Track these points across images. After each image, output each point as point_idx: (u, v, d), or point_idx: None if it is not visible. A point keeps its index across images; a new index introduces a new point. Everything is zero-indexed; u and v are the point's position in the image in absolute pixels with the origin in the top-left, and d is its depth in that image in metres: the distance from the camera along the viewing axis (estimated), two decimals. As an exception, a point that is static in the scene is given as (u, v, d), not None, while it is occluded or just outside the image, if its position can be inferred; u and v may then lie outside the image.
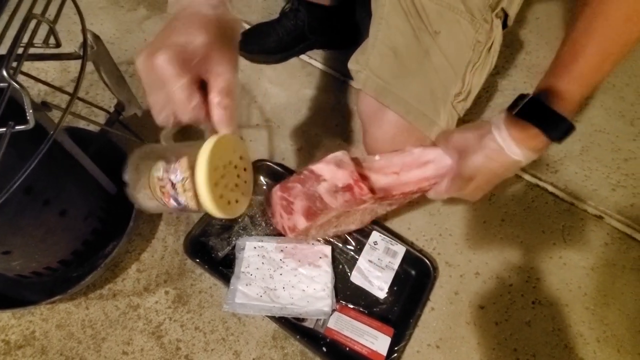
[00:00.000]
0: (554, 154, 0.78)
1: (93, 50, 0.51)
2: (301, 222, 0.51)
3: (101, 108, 0.65)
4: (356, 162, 0.52)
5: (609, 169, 0.77)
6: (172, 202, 0.36)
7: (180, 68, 0.32)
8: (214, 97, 0.34)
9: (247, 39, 0.87)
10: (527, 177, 0.75)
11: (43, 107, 0.44)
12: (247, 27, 0.91)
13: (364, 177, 0.50)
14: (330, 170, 0.50)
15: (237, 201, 0.39)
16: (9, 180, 0.36)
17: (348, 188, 0.48)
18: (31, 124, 0.33)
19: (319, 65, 0.89)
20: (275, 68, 0.89)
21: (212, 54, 0.33)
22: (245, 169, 0.41)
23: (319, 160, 0.51)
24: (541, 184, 0.74)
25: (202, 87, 0.35)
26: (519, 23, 0.99)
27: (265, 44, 0.87)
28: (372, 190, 0.49)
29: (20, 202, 0.45)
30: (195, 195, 0.35)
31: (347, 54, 0.63)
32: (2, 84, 0.32)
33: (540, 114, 0.40)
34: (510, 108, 0.42)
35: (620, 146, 0.81)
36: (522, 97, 0.41)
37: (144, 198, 0.38)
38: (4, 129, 0.32)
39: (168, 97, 0.33)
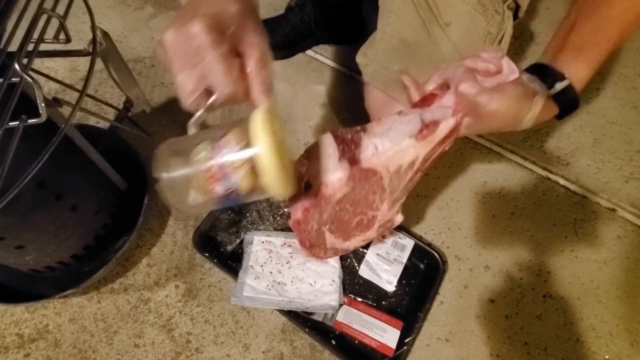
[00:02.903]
0: (565, 146, 0.77)
1: (102, 47, 0.51)
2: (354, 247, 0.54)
3: (110, 105, 0.66)
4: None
5: (622, 160, 0.76)
6: (219, 189, 0.31)
7: (217, 36, 0.29)
8: (253, 68, 0.31)
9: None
10: (537, 170, 0.74)
11: (54, 102, 0.44)
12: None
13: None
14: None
15: (289, 178, 0.33)
16: (22, 174, 0.36)
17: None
18: (43, 118, 0.33)
19: (326, 60, 0.89)
20: (281, 64, 0.89)
21: (246, 22, 0.31)
22: (285, 147, 0.34)
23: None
24: (552, 177, 0.73)
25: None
26: (529, 14, 0.98)
27: (271, 40, 0.86)
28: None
29: (34, 196, 0.46)
30: (251, 171, 0.29)
31: (354, 49, 0.63)
32: (14, 79, 0.33)
33: (541, 71, 0.42)
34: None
35: (633, 137, 0.79)
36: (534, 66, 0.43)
37: (184, 197, 0.32)
38: (17, 123, 0.32)
39: (203, 72, 0.30)
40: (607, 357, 0.58)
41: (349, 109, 0.82)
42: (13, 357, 0.57)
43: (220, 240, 0.64)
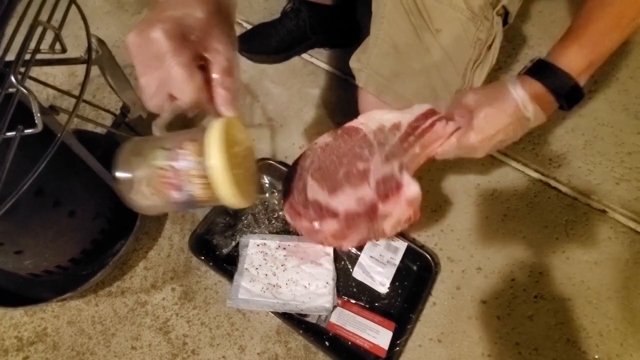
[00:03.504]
0: (557, 148, 0.78)
1: (98, 55, 0.52)
2: (350, 247, 0.47)
3: (107, 110, 0.67)
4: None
5: (613, 162, 0.77)
6: (175, 195, 0.31)
7: (179, 43, 0.28)
8: (217, 76, 0.31)
9: (249, 39, 0.88)
10: (530, 172, 0.75)
11: (51, 110, 0.45)
12: (249, 27, 0.93)
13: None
14: (400, 209, 0.44)
15: (247, 190, 0.34)
16: (19, 182, 0.37)
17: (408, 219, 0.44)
18: (39, 128, 0.34)
19: (321, 64, 0.90)
20: (277, 67, 0.90)
21: (211, 29, 0.30)
22: (250, 156, 0.37)
23: (386, 194, 0.45)
24: (544, 179, 0.74)
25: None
26: (521, 17, 0.99)
27: (267, 44, 0.88)
28: None
29: (31, 203, 0.47)
30: (206, 183, 0.30)
31: (349, 53, 0.64)
32: (11, 89, 0.34)
33: (547, 71, 0.42)
34: (522, 71, 0.43)
35: (624, 140, 0.80)
36: (532, 60, 0.43)
37: (140, 196, 0.33)
38: (13, 133, 0.33)
39: (164, 77, 0.29)
40: (597, 356, 0.59)
41: (344, 112, 0.83)
42: (12, 360, 0.58)
43: (216, 243, 0.65)
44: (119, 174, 0.31)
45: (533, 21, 0.96)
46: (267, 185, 0.70)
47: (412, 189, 0.42)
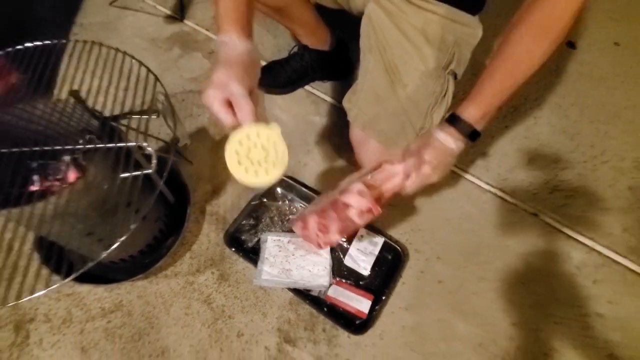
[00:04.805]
0: (505, 164, 1.00)
1: (163, 106, 0.74)
2: (336, 238, 0.72)
3: (163, 141, 0.88)
4: (367, 185, 0.67)
5: (549, 176, 0.99)
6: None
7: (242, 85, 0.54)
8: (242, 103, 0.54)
9: (263, 75, 1.08)
10: (481, 183, 0.96)
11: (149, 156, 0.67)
12: (262, 63, 1.14)
13: (376, 199, 0.67)
14: (356, 199, 0.66)
15: (266, 171, 0.53)
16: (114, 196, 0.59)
17: (369, 210, 0.66)
18: (153, 169, 0.56)
19: (321, 94, 1.12)
20: (285, 98, 1.11)
21: (250, 81, 0.56)
22: (276, 142, 0.55)
23: (344, 190, 0.68)
24: (493, 190, 0.96)
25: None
26: (485, 53, 1.19)
27: (277, 79, 1.09)
28: (380, 204, 0.68)
29: (124, 212, 0.69)
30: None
31: (343, 85, 0.86)
32: (129, 144, 0.56)
33: (456, 121, 0.62)
34: (444, 117, 0.65)
35: (560, 158, 1.02)
36: (450, 113, 0.64)
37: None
38: (139, 172, 0.56)
39: (229, 96, 0.53)
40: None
41: (339, 136, 1.04)
42: (99, 323, 0.80)
43: (244, 239, 0.87)
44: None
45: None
46: (280, 194, 0.92)
47: (359, 186, 0.65)
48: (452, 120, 0.63)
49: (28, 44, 0.71)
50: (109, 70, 0.69)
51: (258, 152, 0.53)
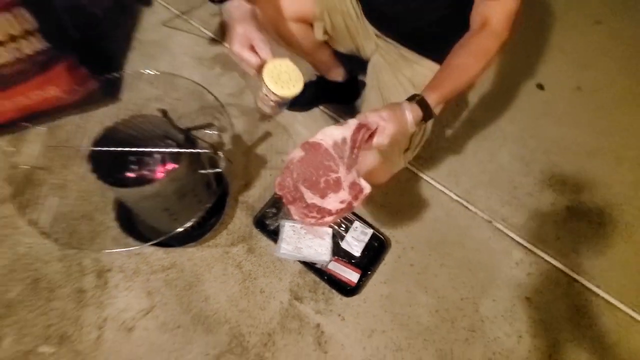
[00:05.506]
0: (470, 182, 1.29)
1: (220, 123, 1.03)
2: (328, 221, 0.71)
3: (211, 144, 1.17)
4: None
5: (503, 193, 1.27)
6: (270, 103, 0.78)
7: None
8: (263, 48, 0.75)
9: (288, 96, 1.39)
10: (451, 194, 1.25)
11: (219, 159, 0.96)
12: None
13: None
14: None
15: (293, 85, 0.75)
16: (183, 184, 0.88)
17: (360, 190, 0.67)
18: (222, 168, 0.85)
19: (332, 114, 1.40)
20: (304, 115, 1.40)
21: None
22: (293, 72, 0.76)
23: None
24: (459, 199, 1.25)
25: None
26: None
27: (298, 100, 1.37)
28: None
29: (189, 198, 0.98)
30: (273, 93, 0.73)
31: (351, 107, 1.15)
32: (206, 150, 0.85)
33: (422, 103, 0.73)
34: (410, 97, 0.74)
35: (514, 179, 1.31)
36: (417, 95, 0.73)
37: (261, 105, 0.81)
38: (214, 170, 0.85)
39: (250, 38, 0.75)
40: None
41: (344, 149, 1.33)
42: (159, 276, 1.09)
43: (268, 223, 1.16)
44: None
45: (474, 91, 1.46)
46: (296, 192, 1.21)
47: (367, 189, 0.68)
48: (419, 102, 0.73)
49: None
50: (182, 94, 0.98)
51: (284, 75, 0.75)
